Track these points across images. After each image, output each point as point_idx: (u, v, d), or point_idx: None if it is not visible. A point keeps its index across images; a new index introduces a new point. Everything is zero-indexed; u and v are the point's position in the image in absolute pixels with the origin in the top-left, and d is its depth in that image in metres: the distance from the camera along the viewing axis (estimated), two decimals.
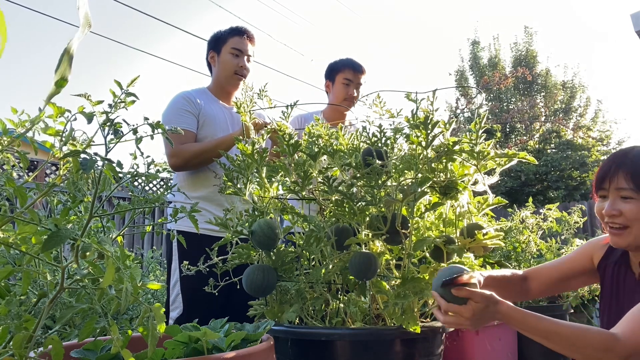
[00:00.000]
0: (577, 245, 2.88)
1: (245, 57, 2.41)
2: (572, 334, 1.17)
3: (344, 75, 2.70)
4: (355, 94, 2.71)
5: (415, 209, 1.47)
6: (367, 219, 1.46)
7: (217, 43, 2.42)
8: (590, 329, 1.19)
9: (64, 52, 0.83)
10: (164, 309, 0.87)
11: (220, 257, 1.58)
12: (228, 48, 2.39)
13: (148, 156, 0.92)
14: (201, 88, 2.44)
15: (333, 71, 2.76)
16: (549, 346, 1.20)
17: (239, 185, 1.60)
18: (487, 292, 1.21)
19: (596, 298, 2.85)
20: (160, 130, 0.88)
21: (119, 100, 0.83)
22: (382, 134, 1.45)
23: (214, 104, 2.38)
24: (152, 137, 0.87)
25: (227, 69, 2.38)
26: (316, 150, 1.54)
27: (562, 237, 3.06)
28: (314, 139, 1.61)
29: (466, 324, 1.21)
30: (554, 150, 13.94)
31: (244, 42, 2.41)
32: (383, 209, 1.45)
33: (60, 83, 0.82)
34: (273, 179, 1.59)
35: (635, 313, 1.19)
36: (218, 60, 2.41)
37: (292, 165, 1.57)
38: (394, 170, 1.44)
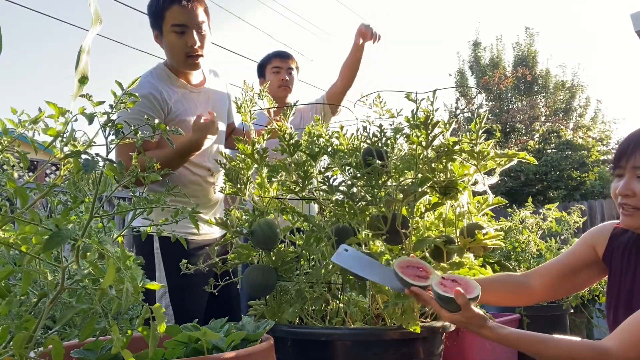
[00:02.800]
0: None
1: (195, 30, 1.92)
2: (560, 353, 1.16)
3: (272, 65, 2.72)
4: (288, 78, 2.69)
5: (415, 209, 1.47)
6: (367, 219, 1.46)
7: (155, 19, 1.93)
8: (580, 344, 1.16)
9: (80, 50, 0.84)
10: (164, 309, 0.87)
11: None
12: (168, 26, 1.89)
13: (151, 158, 0.92)
14: (159, 68, 1.98)
15: (262, 67, 2.76)
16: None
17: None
18: (476, 313, 1.23)
19: (596, 298, 2.85)
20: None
21: (120, 101, 0.83)
22: (382, 134, 1.45)
23: (182, 97, 1.97)
24: (152, 138, 0.87)
25: (176, 52, 1.92)
26: (316, 150, 1.55)
27: (562, 237, 3.07)
28: (314, 138, 1.61)
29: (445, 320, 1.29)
30: (553, 150, 13.95)
31: (186, 11, 1.89)
32: (383, 209, 1.45)
33: (83, 80, 0.84)
34: (273, 179, 1.59)
35: (630, 324, 1.15)
36: (163, 41, 1.94)
37: (292, 165, 1.57)
38: (394, 170, 1.44)
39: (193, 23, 1.90)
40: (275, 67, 2.69)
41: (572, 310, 2.77)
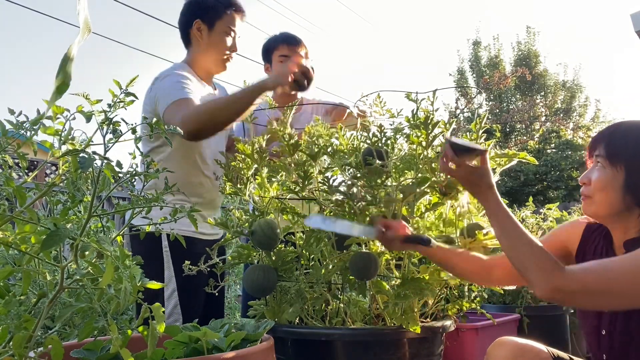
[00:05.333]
0: None
1: (237, 37, 2.07)
2: (530, 247, 1.16)
3: (279, 52, 2.40)
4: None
5: (415, 209, 1.47)
6: (367, 219, 1.46)
7: (208, 13, 1.98)
8: (547, 254, 1.15)
9: (64, 57, 0.83)
10: (163, 309, 0.87)
11: (220, 258, 1.58)
12: (223, 26, 1.99)
13: (147, 156, 0.92)
14: (185, 67, 2.00)
15: (268, 51, 2.44)
16: (501, 242, 1.22)
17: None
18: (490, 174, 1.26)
19: None
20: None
21: (118, 100, 0.82)
22: (382, 134, 1.45)
23: (200, 91, 1.97)
24: (150, 137, 0.86)
25: (220, 50, 2.00)
26: (316, 150, 1.54)
27: None
28: (314, 138, 1.61)
29: (457, 176, 1.28)
30: (553, 150, 13.95)
31: (238, 20, 2.05)
32: (383, 209, 1.45)
33: (62, 88, 0.82)
34: (273, 179, 1.59)
35: (601, 265, 1.13)
36: (208, 36, 1.99)
37: (292, 165, 1.57)
38: (394, 170, 1.44)
39: (235, 31, 2.03)
40: (283, 56, 2.38)
41: (572, 311, 2.76)
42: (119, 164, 0.83)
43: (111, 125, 0.81)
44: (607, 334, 1.25)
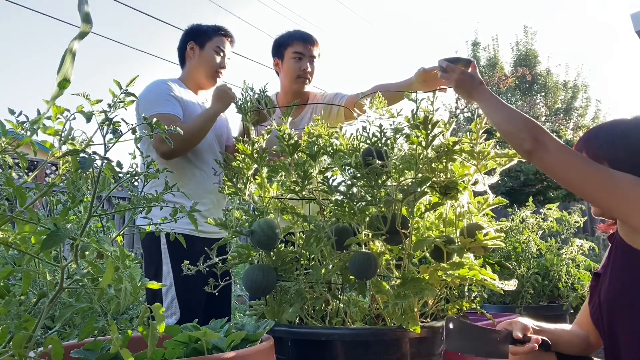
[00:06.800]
0: (577, 245, 2.88)
1: (227, 58, 2.31)
2: (524, 116, 1.34)
3: (293, 49, 2.34)
4: (310, 69, 2.34)
5: (415, 209, 1.47)
6: (367, 219, 1.46)
7: (199, 36, 2.25)
8: (537, 125, 1.31)
9: (65, 53, 0.83)
10: (163, 309, 0.87)
11: (219, 258, 1.58)
12: (212, 45, 2.24)
13: (148, 156, 0.92)
14: (173, 80, 2.23)
15: (281, 47, 2.38)
16: (498, 122, 1.38)
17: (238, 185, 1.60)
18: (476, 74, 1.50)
19: None
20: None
21: (118, 100, 0.82)
22: (382, 134, 1.45)
23: (192, 103, 2.19)
24: (150, 137, 0.87)
25: (210, 66, 2.24)
26: (316, 150, 1.54)
27: (562, 237, 3.06)
28: (314, 139, 1.61)
29: (451, 81, 1.52)
30: None
31: (227, 43, 2.30)
32: (383, 209, 1.45)
33: (63, 84, 0.82)
34: (273, 179, 1.59)
35: (581, 156, 1.27)
36: (199, 53, 2.25)
37: (292, 165, 1.57)
38: (394, 170, 1.44)
39: (228, 52, 2.29)
40: (297, 53, 2.33)
41: (572, 311, 2.76)
42: (119, 164, 0.83)
43: (111, 125, 0.81)
44: (599, 305, 1.33)
